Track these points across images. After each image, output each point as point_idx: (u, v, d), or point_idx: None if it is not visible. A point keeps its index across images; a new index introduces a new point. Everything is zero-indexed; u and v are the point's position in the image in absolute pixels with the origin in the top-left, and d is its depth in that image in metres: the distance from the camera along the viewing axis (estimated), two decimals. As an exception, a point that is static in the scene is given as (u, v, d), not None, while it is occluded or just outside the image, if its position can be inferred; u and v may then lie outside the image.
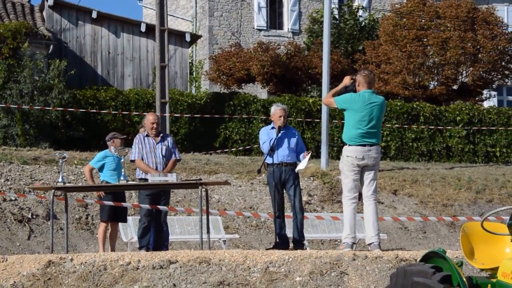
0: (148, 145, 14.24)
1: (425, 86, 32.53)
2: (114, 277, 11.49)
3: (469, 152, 31.54)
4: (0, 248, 17.59)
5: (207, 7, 39.11)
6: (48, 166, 21.25)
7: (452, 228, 20.76)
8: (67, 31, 31.15)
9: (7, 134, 27.18)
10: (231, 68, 33.23)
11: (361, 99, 12.72)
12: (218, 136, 29.30)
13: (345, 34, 36.27)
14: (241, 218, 20.15)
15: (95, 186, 15.26)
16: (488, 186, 23.49)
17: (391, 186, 22.58)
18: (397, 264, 11.02)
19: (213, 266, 11.50)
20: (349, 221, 12.77)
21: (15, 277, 11.62)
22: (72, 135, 27.26)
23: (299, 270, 11.35)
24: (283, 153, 13.63)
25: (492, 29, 32.48)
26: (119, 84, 31.12)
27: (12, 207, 19.11)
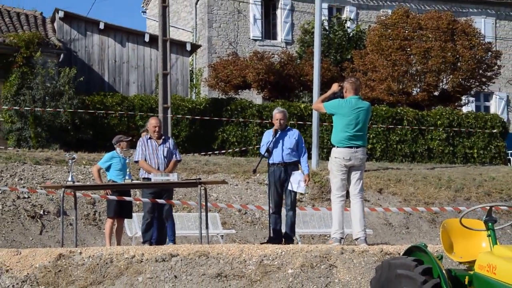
0: (150, 147, 14.26)
1: (409, 92, 32.55)
2: (119, 269, 11.50)
3: (449, 153, 31.59)
4: (14, 242, 17.58)
5: (206, 19, 39.12)
6: (59, 166, 21.25)
7: (433, 224, 20.78)
8: (76, 41, 31.16)
9: (21, 137, 27.23)
10: (229, 76, 33.26)
11: (348, 104, 12.74)
12: (216, 138, 29.32)
13: (334, 44, 36.31)
14: (238, 214, 20.16)
15: (102, 185, 15.28)
16: (466, 185, 23.52)
17: (377, 185, 22.60)
18: (382, 257, 11.03)
19: (211, 259, 11.51)
20: (337, 217, 12.79)
21: (28, 269, 11.63)
22: (80, 137, 27.26)
23: (291, 263, 11.37)
24: (281, 153, 13.58)
25: (470, 39, 32.53)
26: (124, 90, 31.12)
27: (25, 204, 19.11)
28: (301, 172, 13.55)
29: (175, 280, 11.25)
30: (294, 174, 13.54)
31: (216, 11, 39.40)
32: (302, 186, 13.57)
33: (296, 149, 13.64)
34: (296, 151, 13.65)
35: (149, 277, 11.31)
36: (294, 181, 13.53)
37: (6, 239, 17.79)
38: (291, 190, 13.61)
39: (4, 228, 18.31)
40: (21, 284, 11.41)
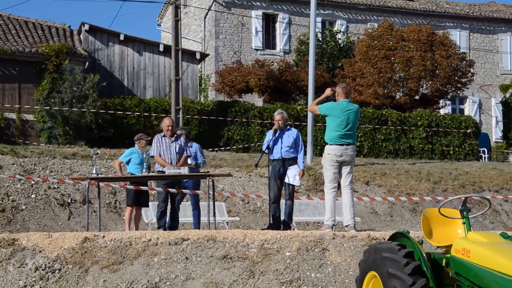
0: (164, 144, 14.28)
1: (393, 96, 32.55)
2: (137, 251, 11.52)
3: (428, 150, 31.60)
4: (46, 226, 17.59)
5: (213, 31, 39.12)
6: (84, 160, 21.27)
7: (414, 213, 20.78)
8: (100, 50, 31.18)
9: (51, 134, 27.30)
10: (233, 81, 33.27)
11: (340, 107, 12.75)
12: (222, 136, 29.32)
13: (327, 53, 36.30)
14: (241, 204, 20.17)
15: (122, 177, 15.31)
16: (443, 178, 23.52)
17: (364, 178, 22.60)
18: (369, 242, 11.03)
19: (218, 243, 11.52)
20: (329, 206, 12.79)
21: (58, 250, 11.65)
22: (103, 135, 27.32)
23: (289, 246, 11.38)
24: (280, 150, 13.59)
25: (447, 50, 32.52)
26: (141, 93, 31.13)
27: (55, 193, 19.12)
28: (297, 167, 13.56)
29: (186, 261, 11.26)
30: (290, 168, 13.56)
31: (222, 24, 39.39)
32: (297, 180, 13.59)
33: (294, 146, 13.64)
34: (294, 148, 13.64)
35: (163, 258, 11.33)
36: (290, 175, 13.55)
37: (38, 224, 17.81)
38: (287, 182, 13.64)
39: (37, 214, 18.33)
40: (52, 263, 11.43)
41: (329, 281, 10.79)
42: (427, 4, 44.46)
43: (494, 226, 20.15)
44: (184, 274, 11.05)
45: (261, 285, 10.78)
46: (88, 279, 11.16)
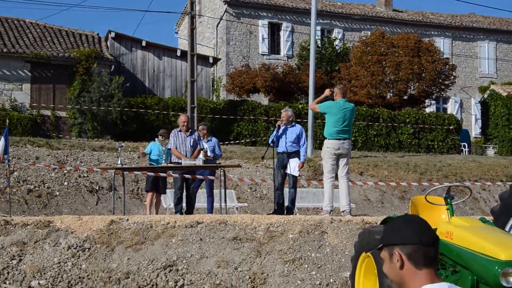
0: (180, 138, 14.30)
1: (384, 96, 32.53)
2: (157, 233, 11.54)
3: (415, 145, 31.60)
4: (77, 210, 17.67)
5: (225, 38, 39.11)
6: (110, 152, 21.32)
7: (402, 200, 20.77)
8: (124, 55, 31.24)
9: (81, 129, 27.41)
10: (242, 82, 33.31)
11: (337, 105, 12.76)
12: (232, 131, 29.35)
13: (325, 58, 36.29)
14: (249, 191, 20.20)
15: (143, 167, 15.35)
16: (428, 170, 23.51)
17: (358, 169, 22.59)
18: (363, 226, 11.03)
19: (229, 226, 11.54)
20: (328, 194, 12.82)
21: (88, 231, 11.69)
22: (127, 130, 27.38)
23: (292, 229, 11.39)
24: (284, 144, 13.60)
25: (432, 55, 32.49)
26: (161, 93, 31.18)
27: (85, 181, 19.19)
28: (297, 160, 13.56)
29: (201, 242, 11.28)
30: (291, 161, 13.57)
31: (233, 32, 39.37)
32: (296, 171, 13.60)
33: (297, 141, 13.63)
34: (297, 143, 13.63)
35: (180, 239, 11.35)
36: (291, 166, 13.57)
37: (70, 208, 17.88)
38: (288, 173, 13.64)
39: (69, 199, 18.40)
40: (82, 243, 11.47)
41: (328, 260, 10.80)
42: (414, 15, 44.44)
43: (473, 212, 20.14)
44: (199, 253, 11.08)
45: (267, 264, 10.80)
46: (114, 257, 11.20)
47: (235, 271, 10.72)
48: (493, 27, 44.81)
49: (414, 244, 2.99)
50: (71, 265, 11.08)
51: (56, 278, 10.92)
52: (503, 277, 5.95)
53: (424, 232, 3.05)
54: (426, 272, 2.98)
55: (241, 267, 10.78)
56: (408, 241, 3.00)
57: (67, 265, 11.09)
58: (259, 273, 10.67)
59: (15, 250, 11.36)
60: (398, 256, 3.02)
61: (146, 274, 10.84)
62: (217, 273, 10.71)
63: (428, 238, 3.03)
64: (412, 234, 3.00)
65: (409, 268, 3.00)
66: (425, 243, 3.00)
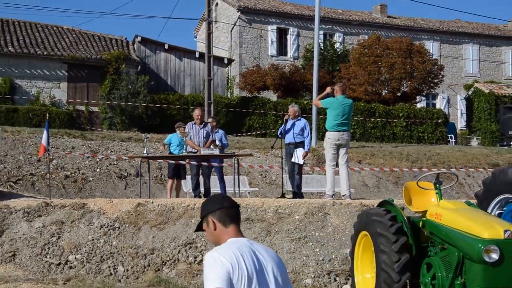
0: (194, 130, 14.28)
1: (379, 93, 32.42)
2: (179, 214, 11.56)
3: (407, 136, 31.51)
4: (108, 194, 17.73)
5: (238, 41, 39.05)
6: (137, 143, 21.36)
7: (396, 185, 20.73)
8: (149, 57, 31.24)
9: (112, 122, 27.47)
10: (253, 81, 33.26)
11: (338, 101, 12.75)
12: (244, 124, 29.33)
13: (327, 59, 36.16)
14: (260, 177, 20.19)
15: (166, 156, 15.34)
16: (419, 158, 23.44)
17: (357, 158, 22.55)
18: (362, 208, 11.02)
19: (242, 208, 11.51)
20: (330, 180, 12.80)
21: (118, 212, 11.73)
22: (151, 123, 27.41)
23: (298, 211, 11.38)
24: (292, 136, 13.58)
25: (422, 57, 32.34)
26: (181, 90, 31.17)
27: (115, 168, 19.23)
28: (302, 149, 13.53)
29: (217, 222, 11.30)
30: (296, 150, 13.55)
31: (245, 36, 39.30)
32: (300, 159, 13.57)
33: (302, 133, 13.60)
34: (302, 134, 13.61)
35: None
36: (296, 155, 13.56)
37: (102, 192, 17.94)
38: (293, 161, 13.61)
39: (101, 184, 18.46)
40: (113, 222, 11.51)
41: (330, 238, 10.80)
42: (406, 21, 44.25)
43: (459, 195, 20.08)
44: (216, 232, 11.09)
45: (276, 242, 10.81)
46: (140, 235, 11.23)
47: (248, 248, 10.73)
48: (476, 31, 44.61)
49: (220, 209, 3.61)
50: (103, 242, 11.13)
51: (90, 253, 10.97)
52: (486, 253, 5.96)
53: (225, 199, 3.69)
54: (232, 229, 3.59)
55: (253, 245, 10.79)
56: (215, 208, 3.61)
57: (100, 242, 11.13)
58: (269, 249, 10.68)
59: (54, 229, 11.42)
60: (211, 222, 3.61)
61: (169, 250, 10.87)
62: (232, 250, 10.72)
63: (229, 203, 3.67)
64: (217, 203, 3.63)
65: (220, 228, 3.60)
66: (227, 206, 3.62)
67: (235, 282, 3.36)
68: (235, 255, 3.41)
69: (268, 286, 3.48)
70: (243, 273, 3.37)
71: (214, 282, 3.33)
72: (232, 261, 3.38)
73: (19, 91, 28.05)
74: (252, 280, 3.40)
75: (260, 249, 3.58)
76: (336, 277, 10.12)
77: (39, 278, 10.47)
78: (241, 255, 3.42)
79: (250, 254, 3.47)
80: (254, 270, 3.42)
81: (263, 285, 3.45)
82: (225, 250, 3.46)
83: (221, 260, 3.39)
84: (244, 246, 3.50)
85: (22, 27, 31.12)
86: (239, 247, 3.48)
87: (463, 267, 6.32)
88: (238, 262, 3.39)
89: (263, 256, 3.54)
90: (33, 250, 11.05)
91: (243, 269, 3.38)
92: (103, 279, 10.43)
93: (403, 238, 7.14)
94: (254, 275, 3.41)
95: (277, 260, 3.60)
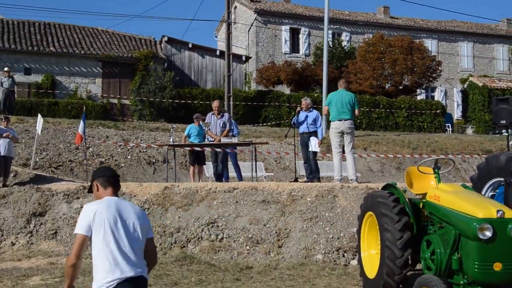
0: (212, 120, 14.23)
1: (383, 86, 32.22)
2: (202, 196, 11.58)
3: (409, 125, 31.32)
4: (138, 178, 17.81)
5: (255, 40, 38.91)
6: (164, 132, 21.41)
7: (398, 170, 20.60)
8: (175, 55, 31.23)
9: (141, 114, 27.56)
10: (268, 76, 33.20)
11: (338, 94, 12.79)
12: (260, 115, 29.27)
13: (335, 56, 35.92)
14: (275, 163, 20.17)
15: (190, 144, 15.33)
16: (420, 145, 23.29)
17: (363, 145, 22.44)
18: (367, 191, 10.97)
19: (259, 191, 11.54)
20: (337, 166, 12.73)
21: (147, 195, 11.77)
22: (177, 115, 27.41)
23: (309, 194, 11.36)
24: (305, 126, 13.44)
25: (422, 54, 32.11)
26: (203, 85, 31.16)
27: (144, 155, 19.29)
28: (316, 138, 13.43)
29: (236, 204, 11.30)
30: (311, 139, 13.45)
31: (261, 35, 39.15)
32: (316, 147, 13.46)
33: (315, 123, 13.50)
34: (315, 124, 13.50)
35: (220, 202, 11.38)
36: (312, 144, 13.46)
37: (133, 176, 18.03)
38: (310, 150, 13.52)
39: (132, 170, 18.55)
40: (143, 204, 11.55)
41: (338, 218, 10.77)
42: (407, 21, 43.88)
43: (456, 179, 19.92)
44: (235, 213, 11.11)
45: (289, 221, 10.80)
46: (168, 215, 11.27)
47: (264, 227, 10.73)
48: (470, 30, 44.18)
49: (102, 176, 4.47)
50: (134, 222, 11.17)
51: (123, 232, 11.01)
52: (480, 231, 5.92)
53: (107, 170, 4.55)
54: (109, 191, 4.43)
55: (269, 224, 10.78)
56: (99, 176, 4.48)
57: (131, 222, 11.17)
58: (283, 228, 10.67)
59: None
60: (95, 185, 4.47)
61: (193, 229, 10.90)
62: (250, 229, 10.73)
63: (110, 172, 4.52)
64: (101, 172, 4.51)
65: (101, 190, 4.45)
66: (108, 175, 4.48)
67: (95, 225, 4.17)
68: (102, 206, 4.25)
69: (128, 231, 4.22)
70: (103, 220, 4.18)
71: (78, 228, 4.20)
72: (97, 210, 4.21)
73: (59, 86, 28.22)
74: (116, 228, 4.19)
75: (126, 205, 4.38)
76: (344, 253, 10.10)
77: (78, 253, 10.53)
78: (107, 207, 4.25)
79: (116, 208, 4.27)
80: (115, 219, 4.22)
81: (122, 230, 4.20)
82: (97, 203, 4.31)
83: (87, 210, 4.23)
84: (113, 201, 4.33)
85: (62, 29, 31.25)
86: (108, 202, 4.31)
87: (459, 244, 6.28)
88: (102, 211, 4.20)
89: (127, 211, 4.32)
90: (72, 229, 11.13)
91: (105, 217, 4.19)
92: (134, 254, 10.46)
93: (405, 218, 7.12)
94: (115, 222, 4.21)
95: (140, 214, 4.38)
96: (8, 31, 29.49)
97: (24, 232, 11.23)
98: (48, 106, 25.85)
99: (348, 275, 9.11)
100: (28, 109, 24.92)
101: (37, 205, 11.73)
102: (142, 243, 4.29)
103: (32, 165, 16.69)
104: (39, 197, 11.90)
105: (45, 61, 28.08)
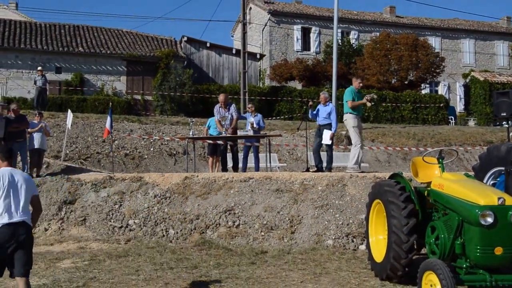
0: (221, 112, 14.03)
1: (389, 81, 32.02)
2: (219, 185, 11.58)
3: (414, 118, 31.09)
4: (160, 169, 17.86)
5: (268, 39, 38.79)
6: (184, 126, 21.44)
7: (404, 160, 20.47)
8: (194, 53, 31.24)
9: (163, 109, 27.61)
10: (281, 72, 33.09)
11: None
12: (274, 109, 29.20)
13: (344, 53, 35.71)
14: (288, 154, 20.12)
15: (207, 137, 15.30)
16: (424, 137, 23.13)
17: (370, 137, 22.33)
18: (375, 180, 10.91)
19: (273, 181, 11.51)
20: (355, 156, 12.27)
21: (168, 184, 11.79)
22: (196, 109, 27.43)
23: (320, 183, 11.32)
24: (319, 119, 13.14)
25: (426, 50, 31.87)
26: (221, 81, 31.15)
27: (166, 147, 19.34)
28: (329, 131, 13.18)
29: (252, 193, 11.29)
30: (325, 132, 13.25)
31: (274, 34, 39.02)
32: (328, 140, 13.24)
33: (329, 116, 13.16)
34: (329, 118, 13.17)
35: (237, 191, 11.37)
36: (324, 136, 13.29)
37: (155, 167, 18.09)
38: (322, 143, 13.34)
39: (154, 161, 18.61)
40: (165, 193, 11.58)
41: (348, 206, 10.72)
42: (412, 20, 43.51)
43: (459, 169, 19.76)
44: (250, 201, 11.10)
45: (302, 209, 10.77)
46: (188, 203, 11.29)
47: (278, 214, 10.72)
48: (472, 28, 43.74)
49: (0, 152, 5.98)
50: (157, 209, 11.22)
51: (146, 218, 11.07)
52: (482, 218, 5.87)
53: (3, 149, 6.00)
54: (5, 164, 5.91)
55: (282, 211, 10.77)
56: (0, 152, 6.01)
57: (154, 209, 11.22)
58: (296, 215, 10.66)
59: (117, 198, 11.54)
60: None
61: (212, 216, 10.91)
62: (264, 216, 10.72)
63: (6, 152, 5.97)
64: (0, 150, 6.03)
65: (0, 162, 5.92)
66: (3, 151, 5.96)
67: None
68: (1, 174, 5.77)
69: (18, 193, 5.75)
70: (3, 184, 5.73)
71: None
72: None
73: (87, 84, 28.38)
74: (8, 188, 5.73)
75: (17, 173, 5.89)
76: (353, 239, 10.06)
77: (105, 238, 10.63)
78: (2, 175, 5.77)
79: (9, 175, 5.79)
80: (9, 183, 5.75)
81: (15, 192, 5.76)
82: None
83: None
84: (7, 170, 5.84)
85: (89, 31, 31.40)
86: (3, 171, 5.82)
87: (462, 230, 6.23)
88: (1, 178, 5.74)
89: (17, 177, 5.84)
90: (99, 216, 11.21)
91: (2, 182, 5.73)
92: (157, 240, 10.53)
93: (410, 205, 7.07)
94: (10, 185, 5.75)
95: (27, 178, 5.91)
96: (41, 33, 29.71)
97: (56, 219, 11.33)
98: (77, 102, 26.01)
99: (357, 259, 9.08)
100: (59, 105, 25.10)
101: (67, 194, 11.82)
102: (28, 199, 5.81)
103: (63, 157, 16.82)
104: (69, 186, 11.99)
105: (74, 61, 28.26)
